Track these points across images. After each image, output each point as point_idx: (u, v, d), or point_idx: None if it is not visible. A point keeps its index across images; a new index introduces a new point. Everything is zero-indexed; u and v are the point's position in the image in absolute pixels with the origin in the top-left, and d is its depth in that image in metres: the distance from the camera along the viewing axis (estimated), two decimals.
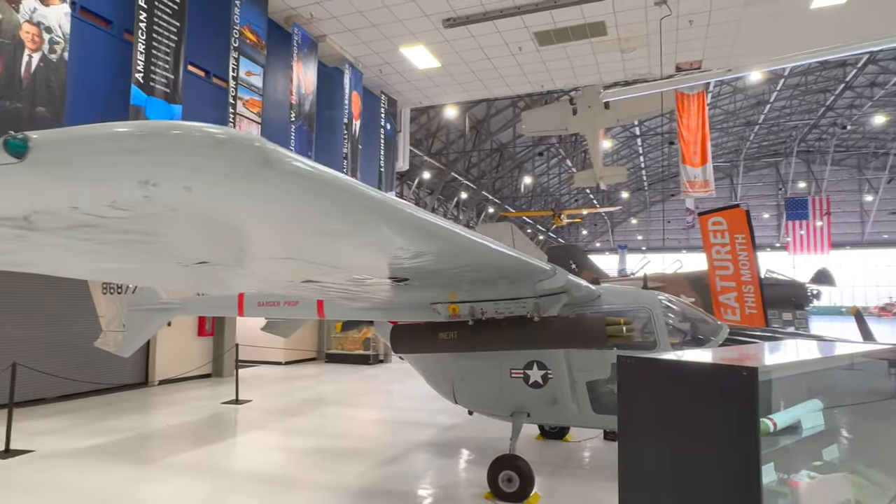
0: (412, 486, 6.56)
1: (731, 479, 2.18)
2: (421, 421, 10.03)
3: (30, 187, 1.92)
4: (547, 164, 48.22)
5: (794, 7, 12.55)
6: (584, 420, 6.62)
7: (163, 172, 1.90)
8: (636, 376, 2.56)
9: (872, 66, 42.09)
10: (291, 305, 6.91)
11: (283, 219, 2.56)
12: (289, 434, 9.07)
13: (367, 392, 13.22)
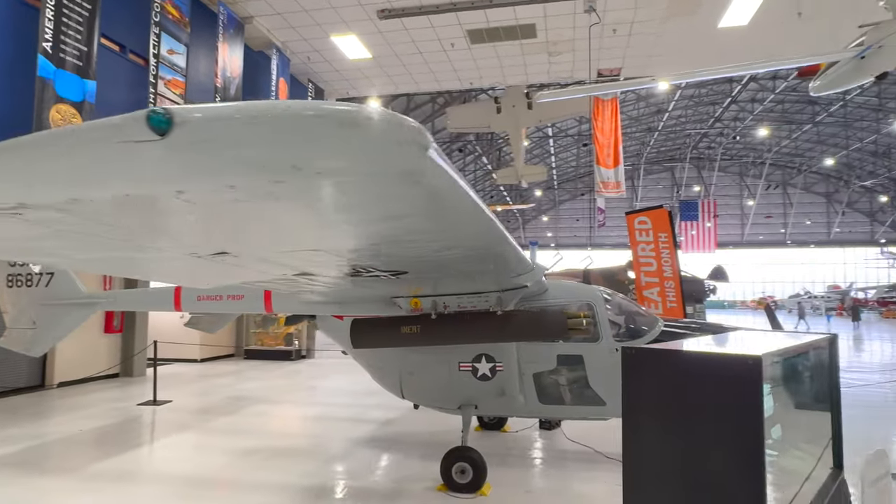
0: (363, 483, 6.49)
1: (737, 461, 2.38)
2: (357, 417, 9.91)
3: (164, 165, 1.77)
4: (464, 160, 48.89)
5: (704, 25, 13.61)
6: (530, 411, 6.86)
7: (318, 156, 1.81)
8: (640, 366, 2.73)
9: (753, 84, 46.33)
10: (236, 300, 6.59)
11: (393, 212, 2.57)
12: (221, 434, 8.64)
13: (294, 389, 12.85)
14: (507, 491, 6.20)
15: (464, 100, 40.92)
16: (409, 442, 8.22)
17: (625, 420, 2.76)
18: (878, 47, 9.89)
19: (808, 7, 12.80)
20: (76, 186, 1.96)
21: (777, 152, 57.40)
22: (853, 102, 46.39)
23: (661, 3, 12.72)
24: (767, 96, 47.64)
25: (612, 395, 6.46)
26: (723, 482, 2.44)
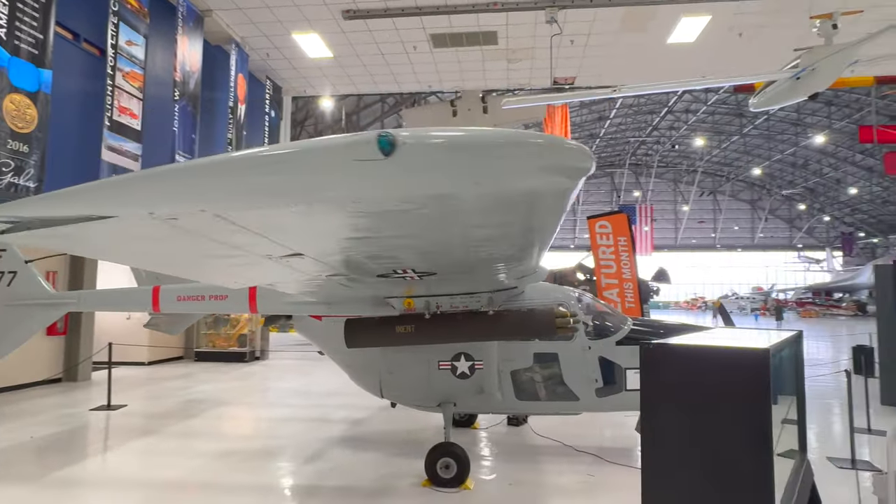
0: (348, 481, 6.56)
1: (747, 446, 2.69)
2: (324, 417, 9.90)
3: (382, 181, 2.00)
4: None
5: (655, 40, 14.36)
6: (508, 407, 7.14)
7: (508, 176, 2.08)
8: (656, 361, 3.01)
9: (688, 95, 48.83)
10: (219, 300, 6.49)
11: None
12: (188, 437, 8.44)
13: (253, 390, 12.63)
14: (490, 485, 6.44)
15: (413, 101, 41.17)
16: (385, 441, 8.32)
17: (643, 410, 3.03)
18: (812, 69, 10.80)
19: (748, 29, 13.78)
20: (293, 198, 2.16)
21: (708, 161, 60.70)
22: (775, 117, 49.71)
23: (616, 19, 13.34)
24: (700, 108, 50.34)
25: (584, 390, 6.83)
26: (734, 466, 2.75)
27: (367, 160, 1.85)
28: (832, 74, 10.95)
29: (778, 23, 13.31)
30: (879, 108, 42.66)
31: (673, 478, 2.93)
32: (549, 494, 6.23)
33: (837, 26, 10.58)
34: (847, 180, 54.71)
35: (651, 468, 2.99)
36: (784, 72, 11.36)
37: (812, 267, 58.40)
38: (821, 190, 58.57)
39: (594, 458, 7.42)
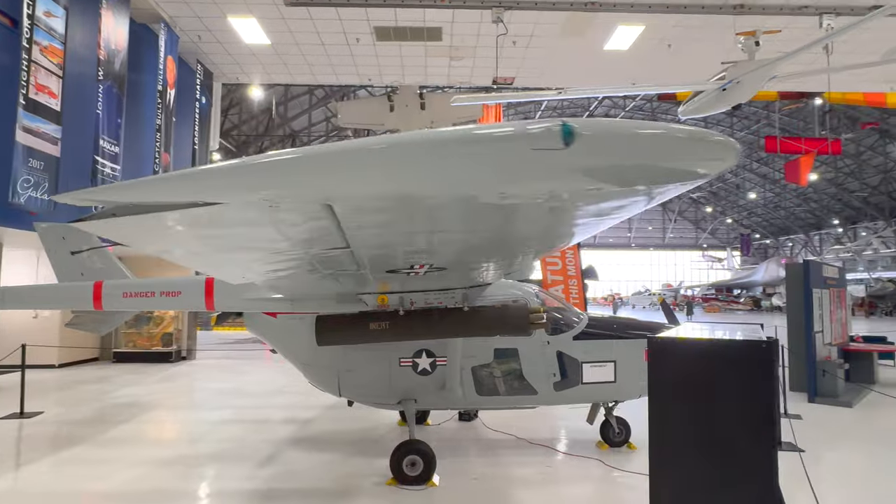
0: (309, 483, 6.35)
1: (754, 423, 2.89)
2: (271, 418, 9.54)
3: (560, 170, 2.00)
4: None
5: (592, 46, 14.94)
6: (468, 403, 7.19)
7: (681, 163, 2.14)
8: (664, 353, 3.15)
9: (608, 101, 51.19)
10: (172, 296, 6.05)
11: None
12: (123, 445, 7.84)
13: (186, 392, 11.93)
14: (453, 480, 6.45)
15: (342, 94, 40.48)
16: (338, 441, 8.13)
17: (651, 398, 3.16)
18: (737, 82, 11.65)
19: (677, 41, 14.63)
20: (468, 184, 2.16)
21: None
22: (685, 123, 53.08)
23: (558, 24, 13.74)
24: (619, 113, 52.88)
25: (543, 384, 7.00)
26: (740, 449, 2.94)
27: (547, 149, 1.83)
28: (754, 88, 11.87)
29: (704, 37, 14.23)
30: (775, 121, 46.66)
31: (679, 460, 3.08)
32: (514, 486, 6.34)
33: (759, 43, 11.46)
34: (745, 186, 59.40)
35: (658, 452, 3.13)
36: (711, 83, 12.16)
37: (715, 265, 63.05)
38: (723, 194, 63.21)
39: (547, 450, 7.63)
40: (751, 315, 45.54)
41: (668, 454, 3.09)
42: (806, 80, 15.16)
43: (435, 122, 22.33)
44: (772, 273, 50.43)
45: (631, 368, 7.12)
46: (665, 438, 3.10)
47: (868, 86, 17.43)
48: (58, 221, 8.34)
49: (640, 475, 6.56)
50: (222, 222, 2.43)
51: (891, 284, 42.94)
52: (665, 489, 3.06)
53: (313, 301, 5.96)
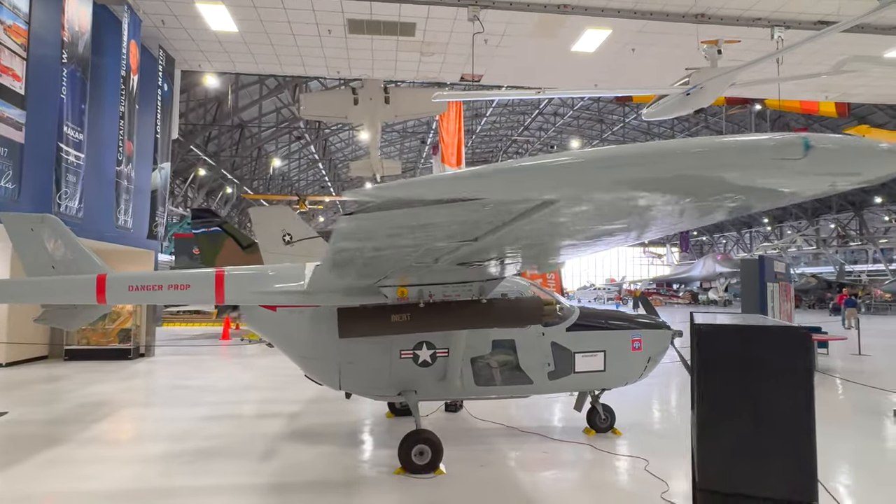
0: (317, 476, 6.37)
1: (793, 399, 3.23)
2: (255, 413, 9.43)
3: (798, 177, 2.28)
4: (288, 147, 47.17)
5: (560, 47, 15.37)
6: (467, 393, 7.37)
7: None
8: (709, 339, 3.45)
9: (557, 99, 52.35)
10: (179, 289, 5.89)
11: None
12: (107, 444, 7.59)
13: (156, 389, 11.53)
14: (460, 467, 6.64)
15: (295, 86, 39.65)
16: (331, 433, 8.15)
17: (697, 377, 3.45)
18: (700, 88, 12.33)
19: (640, 46, 15.27)
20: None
21: None
22: (630, 125, 55.05)
23: (530, 24, 14.08)
24: (567, 111, 54.20)
25: (538, 374, 7.28)
26: (781, 421, 3.27)
27: (787, 159, 2.09)
28: (716, 93, 12.60)
29: (665, 43, 14.93)
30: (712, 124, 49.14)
31: (723, 434, 3.39)
32: (519, 471, 6.59)
33: (721, 52, 12.16)
34: None
35: (704, 427, 3.42)
36: (675, 88, 12.81)
37: (655, 261, 65.83)
38: None
39: (538, 437, 7.94)
40: (689, 308, 47.88)
41: (712, 428, 3.39)
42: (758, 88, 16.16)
43: (399, 116, 22.34)
44: (708, 269, 53.27)
45: (619, 358, 7.52)
46: (710, 413, 3.40)
47: (808, 95, 18.76)
48: (23, 211, 7.95)
49: (631, 458, 6.99)
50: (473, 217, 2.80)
51: (814, 279, 46.25)
52: (710, 460, 3.36)
53: (333, 294, 5.98)
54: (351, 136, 50.81)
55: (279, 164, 45.66)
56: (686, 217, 3.15)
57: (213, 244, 22.26)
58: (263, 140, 43.77)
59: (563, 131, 59.04)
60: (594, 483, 6.26)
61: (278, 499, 5.65)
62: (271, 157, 45.46)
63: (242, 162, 44.72)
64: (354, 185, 62.25)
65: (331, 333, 7.03)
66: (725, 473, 3.32)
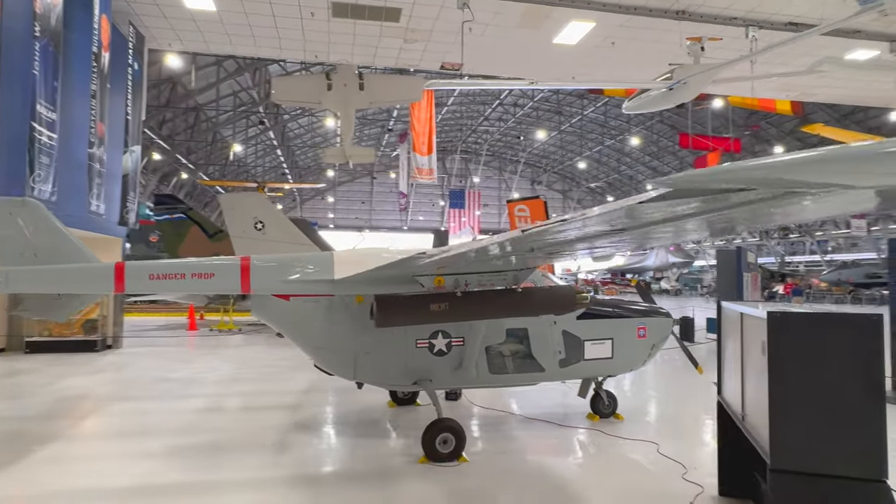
0: (341, 467, 6.29)
1: (864, 382, 3.41)
2: (252, 405, 9.18)
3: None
4: (246, 132, 45.80)
5: (542, 39, 15.48)
6: (481, 381, 7.41)
7: None
8: (784, 326, 3.59)
9: (517, 90, 52.72)
10: (203, 278, 5.64)
11: None
12: (110, 439, 7.24)
13: (138, 381, 10.96)
14: (481, 455, 6.69)
15: (255, 69, 38.44)
16: (340, 423, 8.06)
17: (771, 361, 3.59)
18: (684, 83, 12.70)
19: (621, 41, 15.57)
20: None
21: (530, 153, 66.38)
22: (587, 118, 56.13)
23: (517, 14, 14.11)
24: (527, 103, 54.71)
25: (550, 362, 7.40)
26: (853, 410, 3.45)
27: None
28: (698, 89, 13.01)
29: (644, 38, 15.27)
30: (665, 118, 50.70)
31: (798, 415, 3.55)
32: (541, 457, 6.71)
33: (704, 49, 12.55)
34: (638, 178, 64.14)
35: (780, 408, 3.57)
36: (659, 82, 13.14)
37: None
38: (618, 185, 67.81)
39: (546, 424, 8.08)
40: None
41: (786, 411, 3.55)
42: (733, 85, 16.78)
43: (374, 103, 21.98)
44: (661, 259, 55.16)
45: (626, 345, 7.73)
46: (785, 397, 3.55)
47: (771, 93, 19.61)
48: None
49: (643, 441, 7.21)
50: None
51: (759, 269, 48.62)
52: (785, 442, 3.52)
53: (371, 283, 5.88)
54: (311, 122, 49.77)
55: (239, 149, 44.25)
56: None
57: (177, 232, 21.45)
58: (220, 124, 42.31)
59: (522, 122, 59.63)
60: (615, 467, 6.43)
61: (312, 491, 5.55)
62: (228, 141, 44.03)
63: (198, 146, 43.13)
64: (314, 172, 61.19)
65: (347, 323, 6.96)
66: (799, 454, 3.49)
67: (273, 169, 54.85)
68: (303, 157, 58.48)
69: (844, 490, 3.42)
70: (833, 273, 44.44)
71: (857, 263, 45.46)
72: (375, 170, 65.63)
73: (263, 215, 11.29)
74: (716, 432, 7.40)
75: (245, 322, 20.91)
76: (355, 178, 67.03)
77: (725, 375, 5.34)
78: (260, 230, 10.36)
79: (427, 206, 68.29)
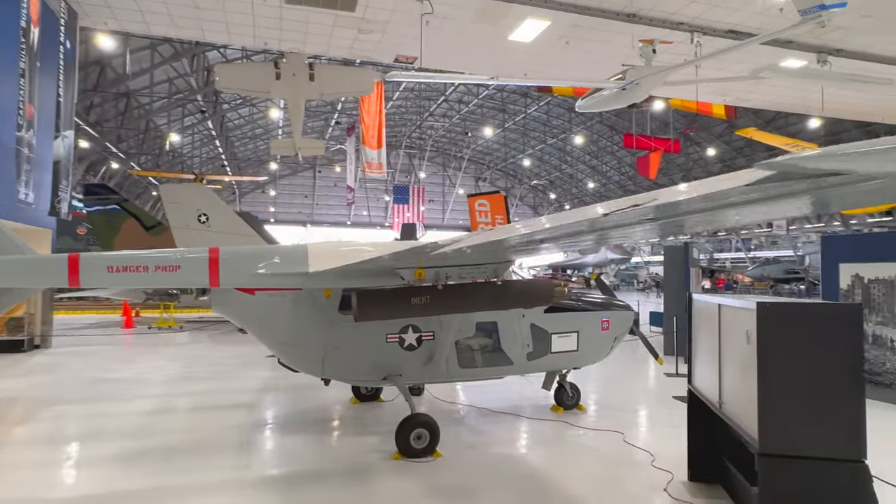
0: (315, 466, 6.07)
1: (845, 367, 3.59)
2: (207, 405, 8.75)
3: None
4: (182, 121, 43.74)
5: (498, 35, 15.54)
6: (451, 376, 7.36)
7: None
8: (771, 316, 3.73)
9: (462, 87, 52.95)
10: (168, 271, 5.25)
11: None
12: (49, 445, 6.68)
13: (76, 383, 10.18)
14: (452, 450, 6.63)
15: (193, 55, 36.76)
16: (304, 422, 7.80)
17: (760, 349, 3.72)
18: (636, 84, 13.09)
19: (574, 40, 15.86)
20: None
21: (474, 150, 66.85)
22: (530, 116, 57.09)
23: (474, 9, 14.10)
24: (472, 100, 55.05)
25: (518, 355, 7.45)
26: (835, 386, 3.63)
27: None
28: (649, 90, 13.45)
29: (596, 39, 15.62)
30: (605, 119, 52.28)
31: (783, 399, 3.70)
32: (511, 450, 6.74)
33: (656, 51, 12.98)
34: (577, 176, 65.88)
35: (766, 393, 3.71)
36: (611, 82, 13.49)
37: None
38: (558, 182, 69.41)
39: (513, 416, 8.14)
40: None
41: (774, 397, 3.69)
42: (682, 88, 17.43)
43: (325, 95, 21.46)
44: (600, 256, 56.88)
45: (591, 337, 7.88)
46: (773, 383, 3.68)
47: (710, 97, 20.55)
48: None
49: (608, 432, 7.38)
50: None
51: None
52: (772, 427, 3.66)
53: (349, 276, 5.67)
54: (251, 112, 48.12)
55: (175, 139, 42.22)
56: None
57: (111, 224, 20.27)
58: (154, 112, 40.17)
59: (467, 119, 59.98)
60: (587, 457, 6.54)
61: (286, 492, 5.33)
62: (162, 130, 41.90)
63: (129, 135, 40.78)
64: (254, 164, 59.16)
65: (316, 318, 6.74)
66: (786, 439, 3.64)
67: (211, 160, 52.64)
68: (242, 148, 56.48)
69: (827, 470, 3.59)
70: (757, 269, 47.29)
71: (777, 260, 48.57)
72: (319, 163, 64.34)
73: (208, 207, 10.76)
74: (675, 421, 7.71)
75: (186, 319, 19.97)
76: (297, 172, 65.37)
77: (697, 365, 5.52)
78: (204, 223, 9.91)
79: (372, 202, 67.47)
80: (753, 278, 48.00)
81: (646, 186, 62.67)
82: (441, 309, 5.84)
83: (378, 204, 69.11)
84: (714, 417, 5.19)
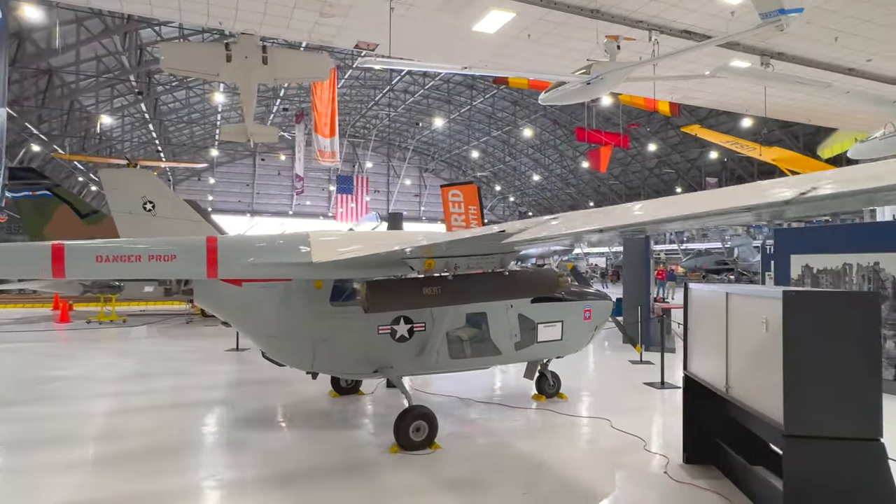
0: (310, 463, 5.85)
1: (863, 358, 3.80)
2: (182, 401, 8.29)
3: None
4: (111, 103, 41.17)
5: (461, 25, 15.45)
6: (441, 367, 7.30)
7: None
8: (798, 304, 3.88)
9: (408, 77, 52.57)
10: (162, 260, 4.84)
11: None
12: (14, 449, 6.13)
13: (20, 382, 9.39)
14: (448, 441, 6.57)
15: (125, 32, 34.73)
16: (289, 417, 7.57)
17: (786, 337, 3.87)
18: (601, 79, 13.38)
19: (536, 34, 15.99)
20: None
21: (419, 140, 66.60)
22: (475, 108, 57.43)
23: None
24: (418, 90, 54.77)
25: (506, 345, 7.49)
26: (854, 373, 3.83)
27: None
28: (612, 85, 13.79)
29: (559, 34, 15.82)
30: (549, 113, 53.28)
31: (808, 383, 3.87)
32: (506, 438, 6.76)
33: (620, 47, 13.30)
34: (521, 168, 66.94)
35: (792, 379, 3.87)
36: (576, 77, 13.73)
37: None
38: (502, 175, 70.30)
39: (498, 406, 8.18)
40: None
41: (801, 380, 3.85)
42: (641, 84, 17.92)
43: (278, 80, 20.69)
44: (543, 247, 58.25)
45: (574, 327, 8.03)
46: (799, 367, 3.85)
47: (661, 94, 21.27)
48: None
49: (595, 419, 7.54)
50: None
51: None
52: (797, 410, 3.83)
53: (362, 267, 5.46)
54: (188, 96, 45.85)
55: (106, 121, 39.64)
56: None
57: (41, 211, 18.90)
58: (80, 91, 37.53)
59: (412, 109, 59.68)
60: (582, 444, 6.66)
61: (290, 491, 5.12)
62: (89, 111, 39.26)
63: (52, 115, 37.95)
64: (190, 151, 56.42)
65: (305, 310, 6.50)
66: (809, 420, 3.82)
67: (144, 145, 49.88)
68: (178, 133, 53.78)
69: (847, 449, 3.80)
70: (690, 261, 49.72)
71: (709, 252, 51.20)
72: (260, 151, 62.24)
73: (153, 194, 10.16)
74: (654, 406, 7.99)
75: (128, 312, 18.87)
76: (236, 159, 62.96)
77: (695, 352, 5.71)
78: (150, 210, 9.39)
79: (316, 191, 65.98)
80: (687, 269, 50.42)
81: (586, 180, 64.54)
82: (453, 299, 5.76)
83: (322, 193, 67.76)
84: (710, 401, 5.40)
